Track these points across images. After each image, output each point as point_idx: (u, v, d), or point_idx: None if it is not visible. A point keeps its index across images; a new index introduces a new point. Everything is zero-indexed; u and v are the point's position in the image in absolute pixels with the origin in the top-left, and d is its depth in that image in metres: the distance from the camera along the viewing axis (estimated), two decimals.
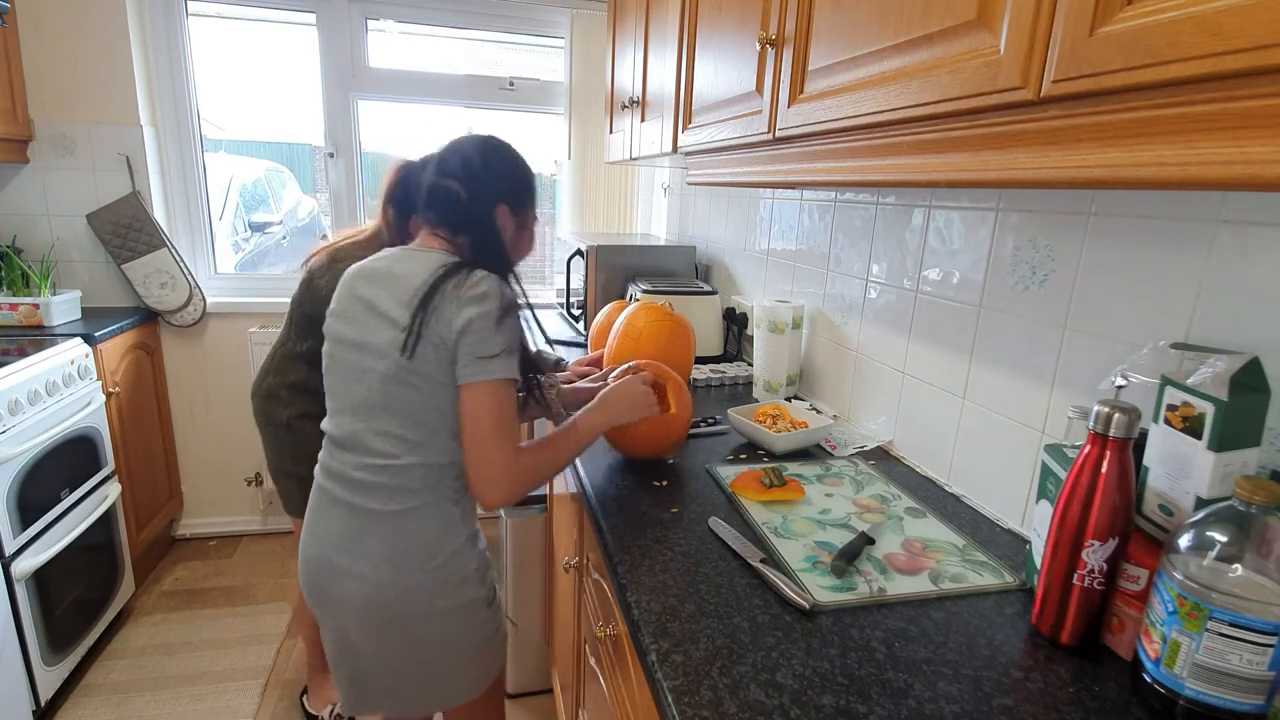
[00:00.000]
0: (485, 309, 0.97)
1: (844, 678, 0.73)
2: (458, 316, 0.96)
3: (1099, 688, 0.73)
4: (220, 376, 2.68)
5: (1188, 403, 0.71)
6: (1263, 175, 0.44)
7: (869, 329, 1.45)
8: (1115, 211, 0.91)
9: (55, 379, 1.88)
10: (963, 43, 0.68)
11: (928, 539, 1.03)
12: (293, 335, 1.58)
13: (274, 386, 1.58)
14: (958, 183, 0.72)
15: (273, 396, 1.58)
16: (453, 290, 0.97)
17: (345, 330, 1.05)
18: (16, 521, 1.71)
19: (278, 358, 1.60)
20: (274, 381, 1.59)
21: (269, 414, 1.59)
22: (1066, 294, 0.97)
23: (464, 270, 1.00)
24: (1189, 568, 0.64)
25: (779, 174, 1.13)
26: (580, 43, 2.73)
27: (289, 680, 2.04)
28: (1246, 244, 0.76)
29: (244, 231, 4.22)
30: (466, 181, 1.06)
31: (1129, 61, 0.50)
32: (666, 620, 0.82)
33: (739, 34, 1.21)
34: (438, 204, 1.08)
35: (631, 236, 2.86)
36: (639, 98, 1.86)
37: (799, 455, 1.34)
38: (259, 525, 2.85)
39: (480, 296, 0.97)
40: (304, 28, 2.61)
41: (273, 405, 1.58)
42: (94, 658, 2.07)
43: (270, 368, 1.61)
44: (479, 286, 0.98)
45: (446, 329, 0.97)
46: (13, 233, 2.38)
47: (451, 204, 1.07)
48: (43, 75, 2.30)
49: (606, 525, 1.05)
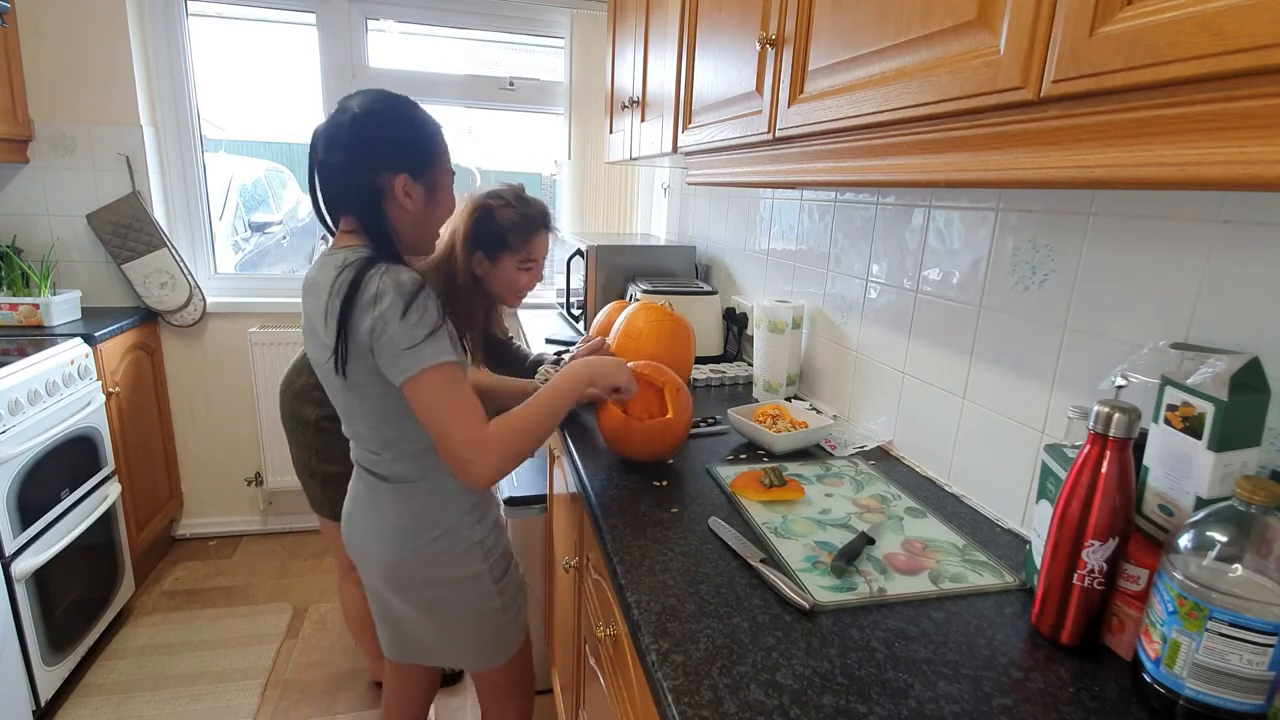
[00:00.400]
0: (384, 308, 0.92)
1: (844, 678, 0.73)
2: (363, 325, 0.94)
3: (1099, 688, 0.73)
4: (220, 376, 2.68)
5: (1188, 403, 0.70)
6: (1263, 175, 0.44)
7: (869, 329, 1.45)
8: (1115, 211, 0.91)
9: (55, 379, 1.88)
10: (963, 42, 0.68)
11: (928, 539, 1.03)
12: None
13: (305, 387, 1.57)
14: (958, 183, 0.72)
15: (303, 397, 1.58)
16: (359, 298, 0.94)
17: (310, 348, 1.07)
18: (16, 521, 1.71)
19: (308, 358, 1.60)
20: (305, 382, 1.57)
21: (297, 413, 1.59)
22: (1066, 294, 0.97)
23: (363, 272, 0.95)
24: (1189, 568, 0.64)
25: (779, 174, 1.13)
26: (580, 43, 2.73)
27: (289, 680, 2.04)
28: (1246, 244, 0.76)
29: (244, 231, 4.22)
30: (348, 157, 0.98)
31: (1129, 61, 0.50)
32: (666, 620, 0.82)
33: (739, 34, 1.21)
34: (330, 189, 1.01)
35: (631, 236, 2.86)
36: (639, 98, 1.86)
37: (799, 455, 1.34)
38: (259, 525, 2.85)
39: (374, 298, 0.93)
40: (304, 28, 2.61)
41: (302, 405, 1.58)
42: (94, 658, 2.07)
43: (302, 367, 1.60)
44: (369, 289, 0.93)
45: (362, 339, 0.95)
46: (13, 233, 2.38)
47: (340, 186, 1.00)
48: (43, 75, 2.30)
49: (606, 525, 1.05)
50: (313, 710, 1.93)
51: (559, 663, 1.74)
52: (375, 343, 0.94)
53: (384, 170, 0.99)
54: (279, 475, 2.73)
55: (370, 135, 0.98)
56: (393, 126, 1.01)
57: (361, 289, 0.93)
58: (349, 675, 2.06)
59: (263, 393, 2.65)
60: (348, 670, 2.08)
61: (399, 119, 1.01)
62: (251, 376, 2.64)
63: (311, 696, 1.98)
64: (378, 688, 2.00)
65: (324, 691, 2.00)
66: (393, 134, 1.00)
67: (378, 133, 0.99)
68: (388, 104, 1.01)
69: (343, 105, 1.01)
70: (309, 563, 2.65)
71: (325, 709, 1.93)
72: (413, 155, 1.01)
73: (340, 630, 2.26)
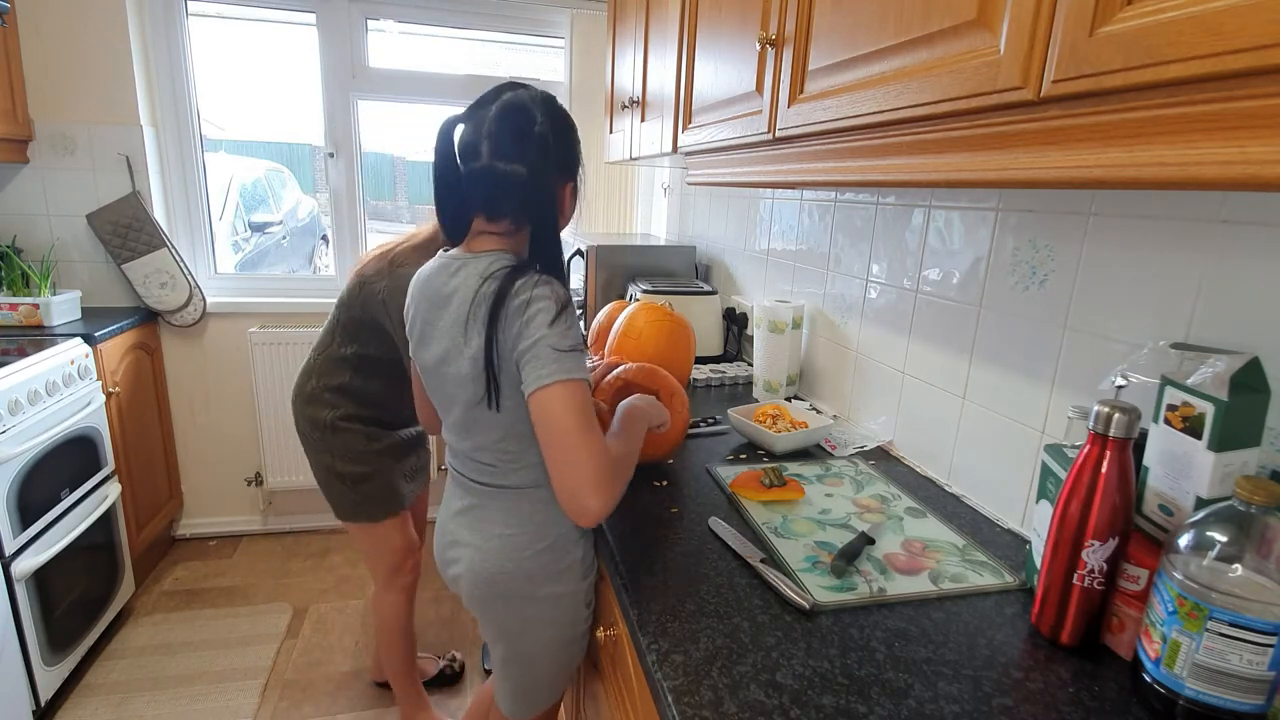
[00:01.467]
0: (535, 312, 0.89)
1: (844, 678, 0.73)
2: (511, 330, 0.90)
3: (1099, 688, 0.73)
4: (220, 376, 2.68)
5: (1188, 403, 0.70)
6: (1263, 175, 0.44)
7: (869, 329, 1.45)
8: (1115, 211, 0.91)
9: (55, 379, 1.88)
10: (963, 43, 0.68)
11: (928, 539, 1.03)
12: (337, 338, 1.56)
13: (316, 390, 1.56)
14: (958, 183, 0.72)
15: (315, 400, 1.55)
16: (509, 304, 0.90)
17: (424, 355, 1.02)
18: (16, 521, 1.71)
19: (320, 361, 1.57)
20: (316, 385, 1.56)
21: (313, 417, 1.56)
22: (1066, 294, 0.97)
23: (514, 280, 0.91)
24: (1189, 568, 0.64)
25: (779, 174, 1.13)
26: (580, 43, 2.73)
27: (289, 680, 2.04)
28: (1246, 244, 0.76)
29: (244, 231, 4.22)
30: (528, 160, 0.93)
31: (1129, 61, 0.50)
32: (666, 620, 0.82)
33: (739, 34, 1.21)
34: (497, 193, 0.95)
35: (631, 236, 2.86)
36: (639, 98, 1.86)
37: (799, 455, 1.34)
38: (259, 525, 2.85)
39: (526, 303, 0.89)
40: (304, 28, 2.61)
41: (316, 408, 1.55)
42: (94, 658, 2.07)
43: (312, 370, 1.58)
44: (521, 295, 0.89)
45: (507, 345, 0.91)
46: (13, 233, 2.38)
47: (512, 191, 0.94)
48: (43, 75, 2.30)
49: (607, 525, 1.05)
50: (313, 710, 1.93)
51: None
52: (521, 345, 0.89)
53: (561, 175, 0.99)
54: (279, 475, 2.73)
55: (558, 133, 0.97)
56: (567, 124, 1.00)
57: (513, 295, 0.90)
58: (349, 675, 2.06)
59: (263, 393, 2.65)
60: (348, 670, 2.08)
61: (571, 125, 1.01)
62: (251, 376, 2.64)
63: (311, 696, 1.98)
64: (377, 688, 2.00)
65: (324, 691, 2.00)
66: (568, 134, 0.99)
67: (560, 133, 0.98)
68: (558, 108, 1.00)
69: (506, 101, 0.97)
70: (309, 563, 2.65)
71: (325, 709, 1.93)
72: (577, 158, 1.01)
73: (340, 630, 2.26)
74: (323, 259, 5.14)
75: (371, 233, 2.84)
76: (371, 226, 2.86)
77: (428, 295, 1.01)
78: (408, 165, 7.54)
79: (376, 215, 3.61)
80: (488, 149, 0.94)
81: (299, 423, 1.59)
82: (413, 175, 7.56)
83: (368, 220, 2.82)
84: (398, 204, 7.69)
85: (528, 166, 0.93)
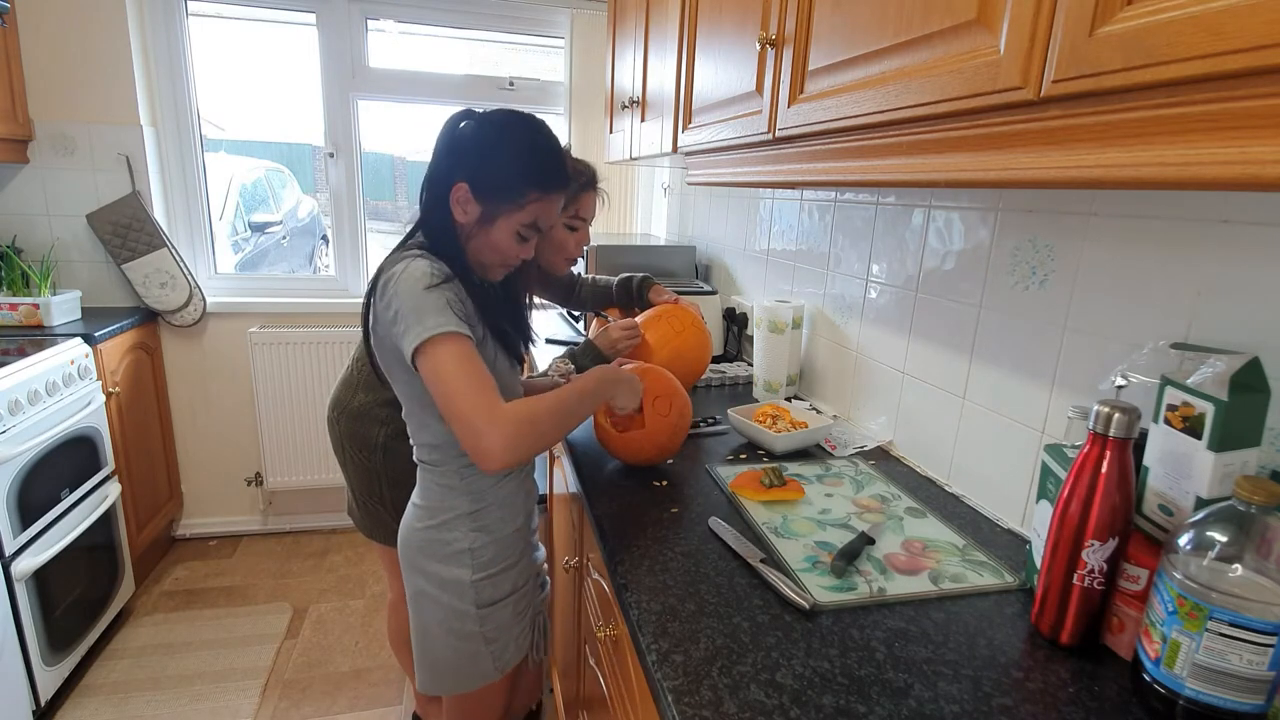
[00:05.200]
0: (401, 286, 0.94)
1: (844, 678, 0.73)
2: (382, 303, 0.97)
3: (1099, 688, 0.73)
4: (220, 376, 2.68)
5: (1188, 403, 0.70)
6: (1263, 175, 0.44)
7: (869, 329, 1.45)
8: (1115, 212, 0.91)
9: (55, 379, 1.88)
10: (963, 42, 0.68)
11: (928, 539, 1.03)
12: None
13: (367, 404, 1.44)
14: (958, 183, 0.72)
15: (366, 415, 1.45)
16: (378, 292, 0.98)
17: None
18: (16, 521, 1.71)
19: (365, 372, 1.45)
20: (366, 399, 1.45)
21: (362, 435, 1.45)
22: (1066, 294, 0.97)
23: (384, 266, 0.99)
24: (1189, 568, 0.64)
25: (779, 174, 1.13)
26: (580, 43, 2.73)
27: (289, 680, 2.04)
28: (1246, 244, 0.76)
29: (244, 231, 4.22)
30: (442, 140, 1.03)
31: (1129, 61, 0.50)
32: (666, 620, 0.82)
33: (739, 34, 1.21)
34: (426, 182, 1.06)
35: (631, 236, 2.86)
36: (639, 98, 1.86)
37: (799, 455, 1.34)
38: (259, 525, 2.85)
39: (390, 280, 0.96)
40: (304, 28, 2.61)
41: (367, 426, 1.44)
42: (94, 658, 2.07)
43: (357, 383, 1.47)
44: (387, 270, 0.97)
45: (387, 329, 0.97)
46: (13, 233, 2.38)
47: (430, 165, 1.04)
48: (43, 75, 2.30)
49: (606, 525, 1.05)
50: (313, 710, 1.93)
51: (559, 663, 1.74)
52: (391, 314, 0.95)
53: (452, 175, 1.02)
54: (279, 475, 2.73)
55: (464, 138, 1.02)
56: (492, 137, 1.02)
57: (382, 278, 0.98)
58: (349, 675, 2.07)
59: (263, 393, 2.65)
60: (348, 670, 2.09)
61: (499, 133, 1.02)
62: (252, 376, 2.64)
63: (311, 696, 1.98)
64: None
65: (324, 691, 2.00)
66: (479, 144, 1.01)
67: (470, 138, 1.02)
68: (500, 120, 1.03)
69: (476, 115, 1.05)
70: (309, 563, 2.65)
71: (325, 709, 1.93)
72: (486, 172, 1.01)
73: (340, 630, 2.26)
74: (323, 259, 5.14)
75: (371, 233, 2.84)
76: (371, 226, 2.86)
77: None
78: (408, 165, 7.53)
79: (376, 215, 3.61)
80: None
81: (340, 439, 1.49)
82: (413, 175, 7.56)
83: (368, 220, 2.83)
84: (398, 204, 7.68)
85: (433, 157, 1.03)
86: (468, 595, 1.08)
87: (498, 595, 1.11)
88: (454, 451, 1.06)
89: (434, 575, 1.09)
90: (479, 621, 1.10)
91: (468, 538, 1.09)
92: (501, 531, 1.11)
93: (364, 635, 2.24)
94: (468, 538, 1.09)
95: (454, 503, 1.09)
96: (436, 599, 1.10)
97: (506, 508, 1.12)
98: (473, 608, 1.09)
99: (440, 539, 1.09)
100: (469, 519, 1.09)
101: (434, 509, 1.10)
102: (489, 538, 1.10)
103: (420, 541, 1.10)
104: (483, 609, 1.10)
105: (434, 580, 1.09)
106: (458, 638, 1.11)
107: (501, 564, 1.11)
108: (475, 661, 1.12)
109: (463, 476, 1.08)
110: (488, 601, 1.10)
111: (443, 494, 1.09)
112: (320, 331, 2.65)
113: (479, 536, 1.09)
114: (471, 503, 1.09)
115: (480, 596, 1.09)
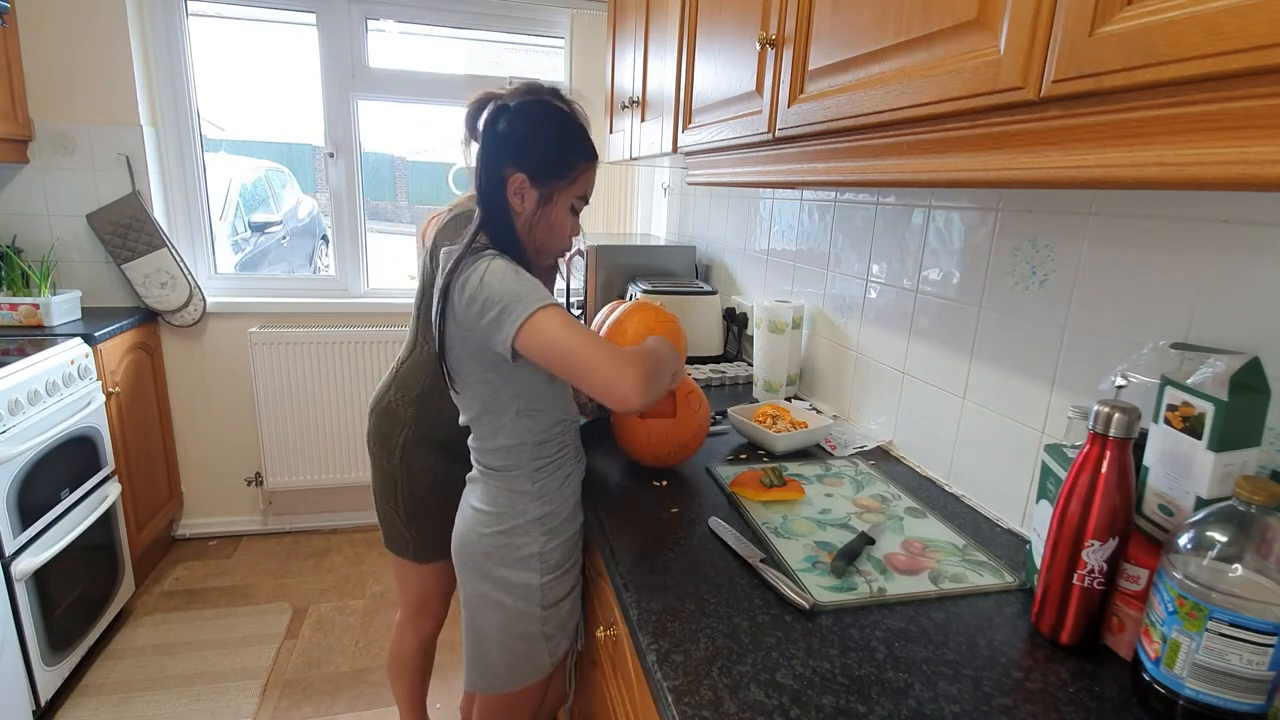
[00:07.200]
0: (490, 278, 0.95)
1: (844, 678, 0.73)
2: (463, 301, 0.97)
3: (1099, 688, 0.73)
4: (220, 376, 2.68)
5: (1188, 403, 0.70)
6: (1263, 175, 0.44)
7: (869, 329, 1.45)
8: (1115, 211, 0.91)
9: (55, 379, 1.88)
10: (963, 43, 0.68)
11: (928, 539, 1.03)
12: (419, 335, 1.37)
13: (394, 402, 1.39)
14: (958, 183, 0.72)
15: (391, 413, 1.39)
16: (454, 297, 0.99)
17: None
18: (16, 521, 1.71)
19: (403, 369, 1.40)
20: (395, 397, 1.39)
21: (385, 433, 1.40)
22: (1066, 294, 0.97)
23: (455, 271, 0.99)
24: (1189, 568, 0.64)
25: (779, 174, 1.13)
26: (580, 43, 2.73)
27: (289, 680, 2.04)
28: (1246, 244, 0.76)
29: (244, 231, 4.22)
30: (484, 143, 1.03)
31: (1129, 61, 0.50)
32: (666, 620, 0.82)
33: (739, 34, 1.21)
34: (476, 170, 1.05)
35: (631, 236, 2.86)
36: (639, 98, 1.86)
37: (799, 455, 1.34)
38: (259, 525, 2.85)
39: (471, 276, 0.96)
40: (304, 28, 2.61)
41: (390, 423, 1.39)
42: (94, 658, 2.07)
43: (392, 380, 1.42)
44: (464, 273, 0.98)
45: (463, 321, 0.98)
46: (13, 233, 2.38)
47: (476, 170, 1.04)
48: (43, 75, 2.30)
49: (607, 525, 1.05)
50: (313, 710, 1.93)
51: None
52: (473, 308, 0.96)
53: (508, 164, 1.03)
54: (279, 475, 2.73)
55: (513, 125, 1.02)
56: (539, 120, 1.03)
57: (457, 283, 0.98)
58: (349, 675, 2.06)
59: (263, 393, 2.65)
60: (348, 670, 2.08)
61: (545, 115, 1.04)
62: (251, 376, 2.64)
63: (311, 696, 1.98)
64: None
65: (324, 691, 2.00)
66: (532, 128, 1.03)
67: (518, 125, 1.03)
68: (542, 99, 1.05)
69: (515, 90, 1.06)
70: (309, 563, 2.65)
71: (325, 709, 1.93)
72: (541, 157, 1.04)
73: (340, 630, 2.26)
74: (323, 259, 5.14)
75: (371, 233, 2.85)
76: (371, 226, 2.86)
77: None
78: (408, 165, 7.53)
79: (376, 215, 3.62)
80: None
81: (368, 436, 1.46)
82: (413, 175, 7.55)
83: (368, 220, 2.83)
84: (398, 204, 7.68)
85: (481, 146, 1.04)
86: (534, 597, 1.09)
87: (561, 594, 1.13)
88: (528, 454, 1.07)
89: (501, 580, 1.09)
90: (542, 621, 1.11)
91: (538, 541, 1.09)
92: (567, 533, 1.12)
93: (364, 635, 2.24)
94: (538, 541, 1.09)
95: (525, 507, 1.08)
96: (499, 602, 1.09)
97: (571, 508, 1.13)
98: (538, 609, 1.10)
99: (510, 544, 1.08)
100: (538, 524, 1.09)
101: (504, 514, 1.09)
102: (557, 541, 1.11)
103: (489, 547, 1.09)
104: (547, 609, 1.11)
105: (500, 584, 1.09)
106: (516, 639, 1.11)
107: (567, 564, 1.13)
108: (531, 659, 1.13)
109: (534, 480, 1.08)
110: (552, 602, 1.11)
111: (513, 499, 1.08)
112: (320, 331, 2.65)
113: (548, 540, 1.10)
114: (542, 506, 1.09)
115: (546, 598, 1.10)
